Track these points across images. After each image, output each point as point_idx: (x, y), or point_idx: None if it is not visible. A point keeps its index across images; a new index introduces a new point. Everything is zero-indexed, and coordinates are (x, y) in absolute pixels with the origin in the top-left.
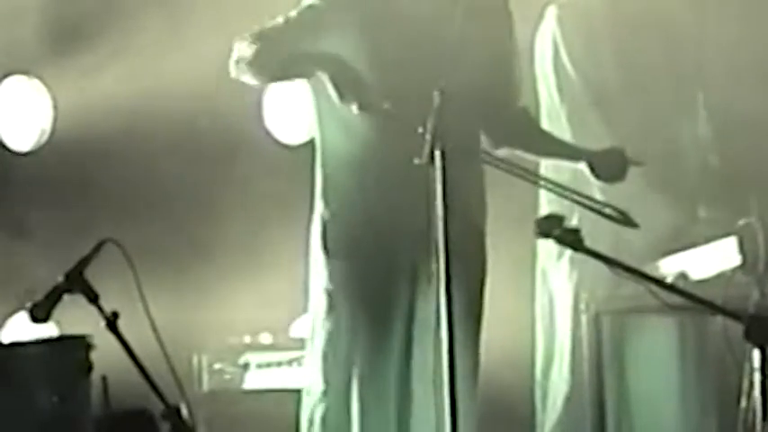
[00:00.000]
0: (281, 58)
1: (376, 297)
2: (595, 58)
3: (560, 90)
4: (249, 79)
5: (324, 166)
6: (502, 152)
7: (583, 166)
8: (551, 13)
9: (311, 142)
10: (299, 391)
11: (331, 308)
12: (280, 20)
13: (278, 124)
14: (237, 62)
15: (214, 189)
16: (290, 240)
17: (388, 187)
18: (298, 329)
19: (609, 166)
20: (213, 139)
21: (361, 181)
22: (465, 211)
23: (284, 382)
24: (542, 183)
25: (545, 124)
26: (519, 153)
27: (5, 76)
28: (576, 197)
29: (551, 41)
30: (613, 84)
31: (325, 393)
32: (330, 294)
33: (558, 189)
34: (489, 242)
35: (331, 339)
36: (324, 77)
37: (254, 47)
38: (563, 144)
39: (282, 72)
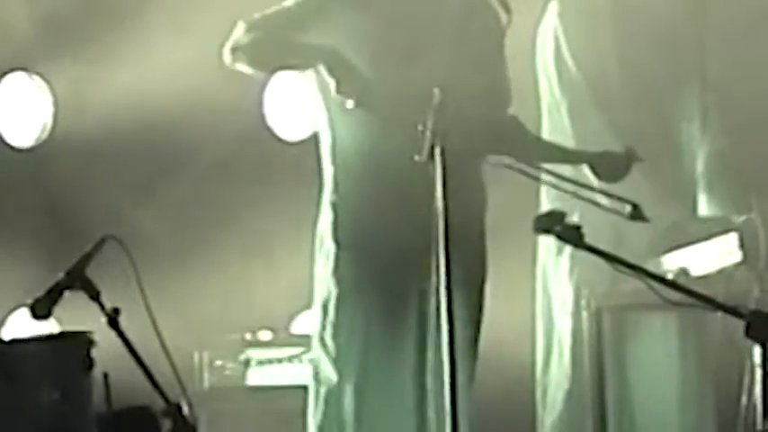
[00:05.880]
0: (278, 47)
1: (387, 287)
2: (596, 53)
3: (561, 84)
4: (244, 67)
5: (334, 156)
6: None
7: (584, 168)
8: (553, 7)
9: (312, 139)
10: (300, 388)
11: (341, 299)
12: (279, 7)
13: (279, 121)
14: (234, 49)
15: (215, 186)
16: (291, 237)
17: (397, 179)
18: (298, 326)
19: (610, 166)
20: (214, 136)
21: (372, 171)
22: (466, 207)
23: (285, 378)
24: (546, 179)
25: (545, 118)
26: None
27: (6, 72)
28: (580, 192)
29: (552, 36)
30: (614, 78)
31: (339, 386)
32: (340, 285)
33: (562, 185)
34: (489, 238)
35: (341, 331)
36: (321, 69)
37: (251, 34)
38: (561, 150)
39: (279, 61)
